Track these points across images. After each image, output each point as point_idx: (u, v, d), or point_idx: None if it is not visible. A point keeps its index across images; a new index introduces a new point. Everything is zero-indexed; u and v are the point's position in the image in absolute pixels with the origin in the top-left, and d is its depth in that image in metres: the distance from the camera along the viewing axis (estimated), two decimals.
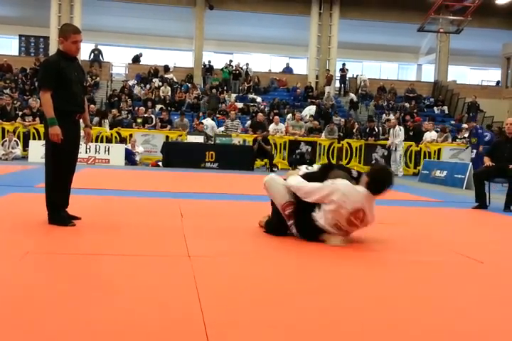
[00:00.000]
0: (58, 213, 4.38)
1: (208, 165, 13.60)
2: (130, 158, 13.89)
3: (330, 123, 16.69)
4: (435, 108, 23.55)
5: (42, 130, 13.76)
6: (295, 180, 4.11)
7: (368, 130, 16.21)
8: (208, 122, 15.56)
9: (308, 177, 4.12)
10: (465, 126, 17.35)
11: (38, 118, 14.44)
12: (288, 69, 26.25)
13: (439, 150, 15.92)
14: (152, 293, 2.62)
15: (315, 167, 4.42)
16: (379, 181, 3.88)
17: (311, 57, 25.20)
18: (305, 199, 3.95)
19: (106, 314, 2.29)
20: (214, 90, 21.04)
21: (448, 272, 3.45)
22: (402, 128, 14.85)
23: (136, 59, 24.77)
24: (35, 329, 2.09)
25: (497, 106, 23.73)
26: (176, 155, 13.51)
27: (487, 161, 7.29)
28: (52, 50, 21.96)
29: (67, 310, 2.32)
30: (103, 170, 11.45)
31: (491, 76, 28.95)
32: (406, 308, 2.60)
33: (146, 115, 15.93)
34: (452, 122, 21.39)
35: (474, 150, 13.84)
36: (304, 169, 4.35)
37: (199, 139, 13.96)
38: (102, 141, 14.45)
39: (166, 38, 26.35)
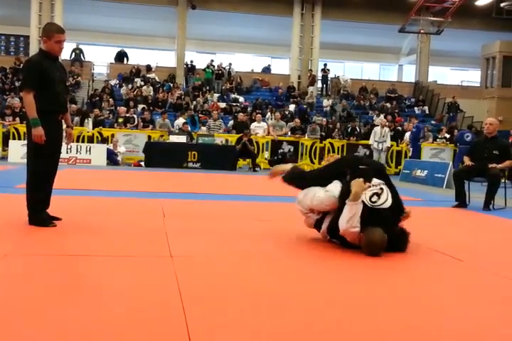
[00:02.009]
0: (39, 214, 4.34)
1: (190, 165, 13.57)
2: (112, 158, 13.81)
3: (312, 123, 16.76)
4: (416, 108, 23.78)
5: (22, 130, 13.63)
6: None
7: (349, 130, 16.32)
8: (179, 121, 15.56)
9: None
10: (443, 128, 17.62)
11: (18, 118, 14.28)
12: (268, 70, 26.33)
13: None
14: (134, 294, 2.61)
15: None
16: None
17: (293, 58, 25.28)
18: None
19: (87, 315, 2.28)
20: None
21: (428, 271, 3.49)
22: (388, 129, 15.05)
23: (120, 56, 24.58)
24: (16, 332, 2.07)
25: (477, 107, 24.03)
26: (158, 155, 13.47)
27: (467, 161, 7.38)
28: (33, 49, 21.75)
29: (49, 312, 2.30)
30: (84, 171, 11.37)
31: (471, 77, 29.29)
32: (387, 308, 2.63)
33: (128, 115, 15.84)
34: (433, 122, 21.61)
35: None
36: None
37: (181, 139, 13.93)
38: (83, 141, 14.35)
39: (148, 37, 26.22)
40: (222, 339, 2.08)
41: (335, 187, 3.98)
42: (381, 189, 3.85)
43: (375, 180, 3.89)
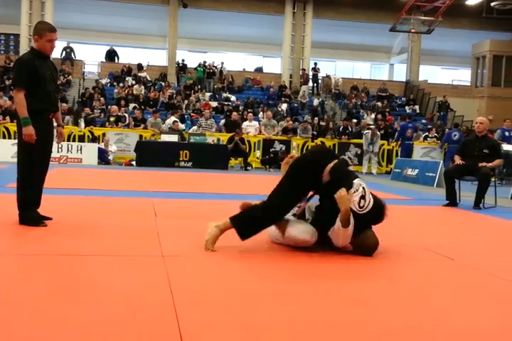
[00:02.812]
0: (30, 213, 4.33)
1: (182, 164, 13.56)
2: (103, 157, 13.76)
3: (304, 122, 16.80)
4: (407, 107, 23.89)
5: (12, 129, 13.56)
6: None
7: (341, 129, 16.37)
8: (171, 120, 15.56)
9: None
10: (431, 127, 17.78)
11: (8, 117, 14.20)
12: (260, 71, 26.36)
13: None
14: (126, 293, 2.61)
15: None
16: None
17: (285, 57, 25.31)
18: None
19: (80, 315, 2.27)
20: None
21: (419, 269, 3.51)
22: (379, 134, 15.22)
23: (110, 54, 24.49)
24: (9, 331, 2.07)
25: (467, 106, 24.18)
26: (150, 154, 13.44)
27: (457, 160, 7.42)
28: (23, 47, 21.64)
29: (40, 312, 2.30)
30: (75, 170, 11.32)
31: (462, 76, 29.44)
32: (379, 306, 2.64)
33: (119, 114, 15.80)
34: (423, 121, 21.71)
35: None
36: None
37: (173, 138, 13.91)
38: (74, 140, 14.29)
39: (139, 36, 26.14)
40: (214, 338, 2.09)
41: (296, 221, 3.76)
42: (363, 189, 3.64)
43: (355, 182, 3.66)
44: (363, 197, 3.61)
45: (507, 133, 12.73)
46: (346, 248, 3.77)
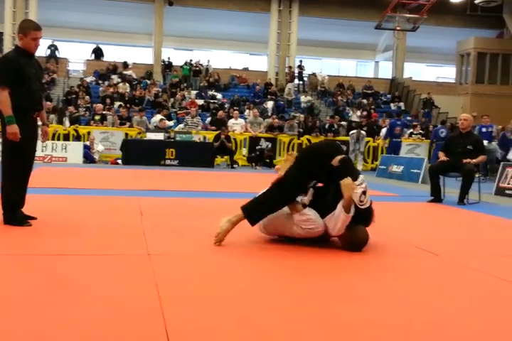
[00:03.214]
0: (14, 213, 4.30)
1: (168, 162, 13.52)
2: (88, 155, 13.67)
3: (290, 119, 16.83)
4: (392, 104, 24.02)
5: None
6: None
7: (327, 126, 16.42)
8: (157, 118, 15.52)
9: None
10: (416, 123, 17.91)
11: None
12: (246, 69, 26.38)
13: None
14: (112, 292, 2.60)
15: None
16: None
17: (270, 54, 25.32)
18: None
19: (65, 314, 2.27)
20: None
21: (404, 265, 3.54)
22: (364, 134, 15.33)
23: (96, 52, 24.33)
24: None
25: (451, 103, 24.36)
26: (136, 153, 13.39)
27: (442, 156, 7.49)
28: (7, 46, 21.41)
29: (26, 312, 2.29)
30: (60, 169, 11.24)
31: (446, 73, 29.64)
32: (363, 303, 2.66)
33: (104, 112, 15.71)
34: (408, 118, 21.84)
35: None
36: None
37: (159, 136, 13.87)
38: (58, 139, 14.18)
39: (124, 34, 25.97)
40: (201, 336, 2.09)
41: (309, 210, 3.79)
42: (366, 186, 3.77)
43: (360, 177, 3.80)
44: (364, 192, 3.71)
45: (484, 129, 12.83)
46: (335, 238, 3.80)
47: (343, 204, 3.62)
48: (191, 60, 23.94)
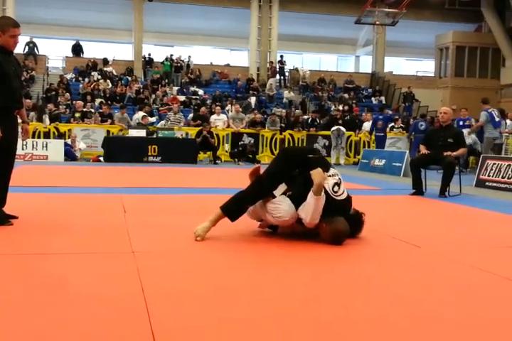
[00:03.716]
0: None
1: (150, 159, 13.46)
2: (70, 153, 13.55)
3: (272, 114, 16.84)
4: (373, 98, 24.17)
5: None
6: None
7: (310, 121, 16.47)
8: (139, 115, 15.45)
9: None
10: (396, 117, 18.05)
11: None
12: (227, 64, 26.35)
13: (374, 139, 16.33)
14: (96, 291, 2.59)
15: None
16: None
17: (252, 50, 25.28)
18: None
19: (49, 313, 2.26)
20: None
21: (387, 257, 3.58)
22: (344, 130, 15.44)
23: (76, 48, 24.08)
24: None
25: (431, 96, 24.58)
26: (118, 150, 13.31)
27: (423, 149, 7.56)
28: None
29: (9, 311, 2.27)
30: (41, 167, 11.13)
31: (426, 67, 29.88)
32: (343, 294, 2.69)
33: (85, 109, 15.57)
34: (389, 112, 22.00)
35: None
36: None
37: (141, 133, 13.79)
38: (39, 137, 14.03)
39: (104, 30, 25.75)
40: (186, 333, 2.09)
41: (284, 198, 3.89)
42: (339, 179, 3.92)
43: (332, 170, 3.95)
44: (337, 184, 3.84)
45: (462, 123, 12.96)
46: (313, 228, 3.84)
47: (312, 189, 3.70)
48: (172, 55, 23.81)
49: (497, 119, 12.17)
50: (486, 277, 3.10)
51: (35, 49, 23.10)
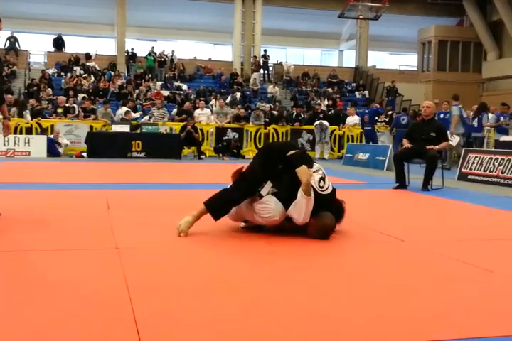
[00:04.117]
0: None
1: (134, 154, 13.39)
2: (53, 149, 13.43)
3: (256, 109, 16.83)
4: (357, 93, 24.24)
5: None
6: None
7: (294, 115, 16.50)
8: (122, 110, 15.36)
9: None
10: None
11: None
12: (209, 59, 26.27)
13: (361, 133, 16.43)
14: (80, 287, 2.58)
15: None
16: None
17: (235, 44, 25.20)
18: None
19: (33, 311, 2.25)
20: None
21: (371, 251, 3.61)
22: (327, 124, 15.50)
23: (58, 42, 23.80)
24: None
25: (414, 90, 24.73)
26: (102, 146, 13.22)
27: (406, 143, 7.62)
28: None
29: None
30: (23, 163, 11.03)
31: (409, 61, 30.04)
32: (330, 290, 2.71)
33: (67, 104, 15.43)
34: (377, 106, 22.09)
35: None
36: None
37: (125, 128, 13.71)
38: (21, 133, 13.89)
39: (86, 24, 25.51)
40: (170, 329, 2.09)
41: (271, 197, 3.86)
42: (323, 173, 3.92)
43: (316, 165, 3.96)
44: (322, 179, 3.84)
45: (442, 115, 13.10)
46: (301, 225, 3.85)
47: (302, 189, 3.69)
48: (153, 48, 23.61)
49: (465, 116, 12.56)
50: (467, 269, 3.15)
51: (17, 44, 22.81)
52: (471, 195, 7.29)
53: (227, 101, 18.91)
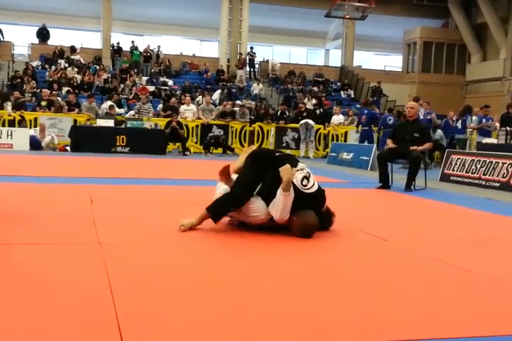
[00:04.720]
0: None
1: (119, 149, 13.30)
2: (35, 143, 13.26)
3: (241, 106, 16.81)
4: (342, 92, 24.32)
5: None
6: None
7: (279, 113, 16.52)
8: (106, 105, 15.28)
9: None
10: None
11: None
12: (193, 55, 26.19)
13: (346, 133, 16.52)
14: (61, 282, 2.56)
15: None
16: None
17: (222, 41, 25.13)
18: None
19: (12, 306, 2.23)
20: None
21: (354, 250, 3.63)
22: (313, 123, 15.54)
23: (42, 33, 23.50)
24: None
25: (399, 91, 24.91)
26: (86, 140, 13.11)
27: (390, 143, 7.67)
28: None
29: None
30: (6, 156, 10.90)
31: (394, 62, 30.23)
32: (318, 288, 2.73)
33: (51, 98, 15.28)
34: (358, 106, 22.19)
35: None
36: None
37: (109, 123, 13.61)
38: (3, 125, 13.72)
39: (71, 17, 25.24)
40: (155, 327, 2.08)
41: (256, 197, 3.92)
42: (308, 172, 3.96)
43: (300, 164, 3.99)
44: (306, 177, 3.89)
45: (422, 117, 13.22)
46: (283, 223, 3.87)
47: (281, 186, 3.73)
48: (133, 42, 23.43)
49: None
50: (447, 269, 3.18)
51: (0, 35, 22.50)
52: (452, 195, 7.37)
53: (214, 97, 18.88)
